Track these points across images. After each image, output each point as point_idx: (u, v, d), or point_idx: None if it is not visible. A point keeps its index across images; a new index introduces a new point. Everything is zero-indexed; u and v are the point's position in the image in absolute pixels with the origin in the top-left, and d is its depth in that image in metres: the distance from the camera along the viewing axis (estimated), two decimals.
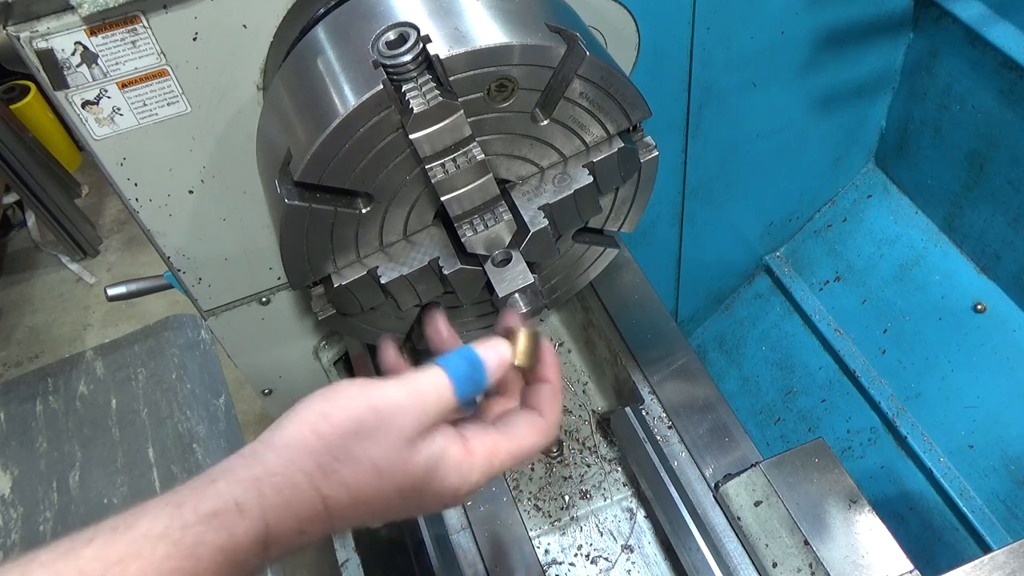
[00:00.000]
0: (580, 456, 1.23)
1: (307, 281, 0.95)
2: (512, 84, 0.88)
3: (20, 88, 3.87)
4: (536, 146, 0.97)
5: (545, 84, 0.90)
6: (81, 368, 1.71)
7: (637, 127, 1.02)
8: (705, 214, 1.94)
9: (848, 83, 1.80)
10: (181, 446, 1.58)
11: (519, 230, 0.95)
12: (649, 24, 1.38)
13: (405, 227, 0.96)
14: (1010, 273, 1.77)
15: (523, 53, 0.86)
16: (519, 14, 0.90)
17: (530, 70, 0.88)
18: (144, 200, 1.11)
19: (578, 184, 0.97)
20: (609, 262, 1.17)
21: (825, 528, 0.96)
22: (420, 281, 0.97)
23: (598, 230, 1.12)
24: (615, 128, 0.98)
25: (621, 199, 1.08)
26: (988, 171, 1.72)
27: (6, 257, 3.92)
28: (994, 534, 1.66)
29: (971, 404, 1.77)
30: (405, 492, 0.65)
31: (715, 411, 1.14)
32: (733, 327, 2.25)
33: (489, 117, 0.90)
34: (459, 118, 0.84)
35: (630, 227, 1.13)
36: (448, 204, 0.89)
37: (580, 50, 0.88)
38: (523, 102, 0.91)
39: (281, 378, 1.53)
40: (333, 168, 0.86)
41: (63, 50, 0.92)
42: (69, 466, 1.55)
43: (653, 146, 1.03)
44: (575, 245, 1.11)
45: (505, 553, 1.02)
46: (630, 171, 1.02)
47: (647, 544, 1.13)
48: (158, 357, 1.71)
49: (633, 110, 0.97)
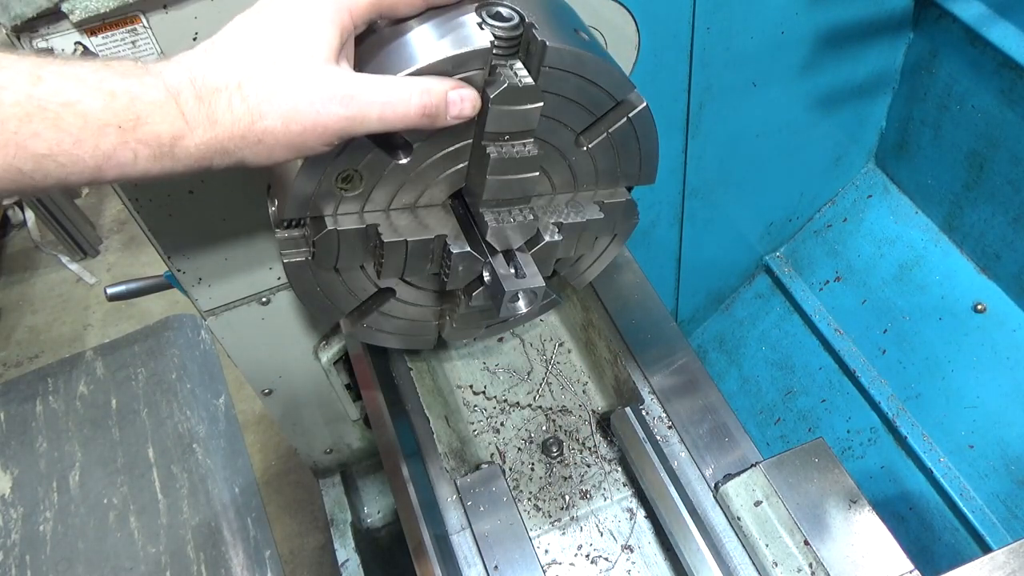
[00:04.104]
0: (580, 456, 1.23)
1: (302, 211, 0.91)
2: (578, 99, 0.92)
3: None
4: (562, 168, 1.00)
5: (603, 113, 0.95)
6: (81, 368, 1.71)
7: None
8: (705, 214, 1.94)
9: (848, 83, 1.80)
10: (181, 446, 1.58)
11: (534, 236, 0.97)
12: (649, 24, 1.39)
13: (418, 197, 0.96)
14: (1010, 273, 1.77)
15: (600, 70, 0.90)
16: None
17: (599, 93, 0.92)
18: (144, 200, 1.11)
19: (590, 215, 1.02)
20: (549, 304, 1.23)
21: (825, 528, 0.96)
22: (415, 253, 0.96)
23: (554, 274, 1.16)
24: (626, 183, 1.05)
25: (597, 250, 1.16)
26: (988, 171, 1.72)
27: (6, 257, 3.92)
28: (994, 534, 1.66)
29: (971, 404, 1.77)
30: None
31: (715, 411, 1.14)
32: (733, 327, 2.25)
33: (544, 120, 0.91)
34: (536, 108, 0.85)
35: (580, 284, 1.20)
36: (489, 186, 0.90)
37: (640, 99, 0.95)
38: (575, 119, 0.94)
39: (281, 378, 1.53)
40: None
41: (63, 50, 0.92)
42: (69, 466, 1.55)
43: (637, 213, 1.11)
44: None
45: (505, 553, 1.02)
46: (628, 225, 1.10)
47: (647, 544, 1.13)
48: (158, 357, 1.71)
49: (648, 176, 1.06)
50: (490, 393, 1.32)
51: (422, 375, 1.29)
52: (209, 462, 1.59)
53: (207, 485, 1.60)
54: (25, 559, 1.51)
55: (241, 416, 2.54)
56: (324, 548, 2.73)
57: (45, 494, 1.52)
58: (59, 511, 1.49)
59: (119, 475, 1.54)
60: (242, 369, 1.47)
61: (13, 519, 1.48)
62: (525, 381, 1.34)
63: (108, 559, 1.54)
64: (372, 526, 1.96)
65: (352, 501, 1.89)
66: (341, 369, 1.57)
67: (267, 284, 1.33)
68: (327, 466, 1.87)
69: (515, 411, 1.29)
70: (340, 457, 1.85)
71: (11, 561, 1.49)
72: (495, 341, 1.39)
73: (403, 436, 1.16)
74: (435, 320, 1.16)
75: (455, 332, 1.17)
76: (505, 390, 1.32)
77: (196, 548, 1.59)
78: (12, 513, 1.49)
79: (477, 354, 1.37)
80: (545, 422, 1.28)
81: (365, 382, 1.28)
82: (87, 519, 1.50)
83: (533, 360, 1.37)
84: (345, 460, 1.88)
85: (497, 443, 1.26)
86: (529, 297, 0.95)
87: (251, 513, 1.65)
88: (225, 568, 1.59)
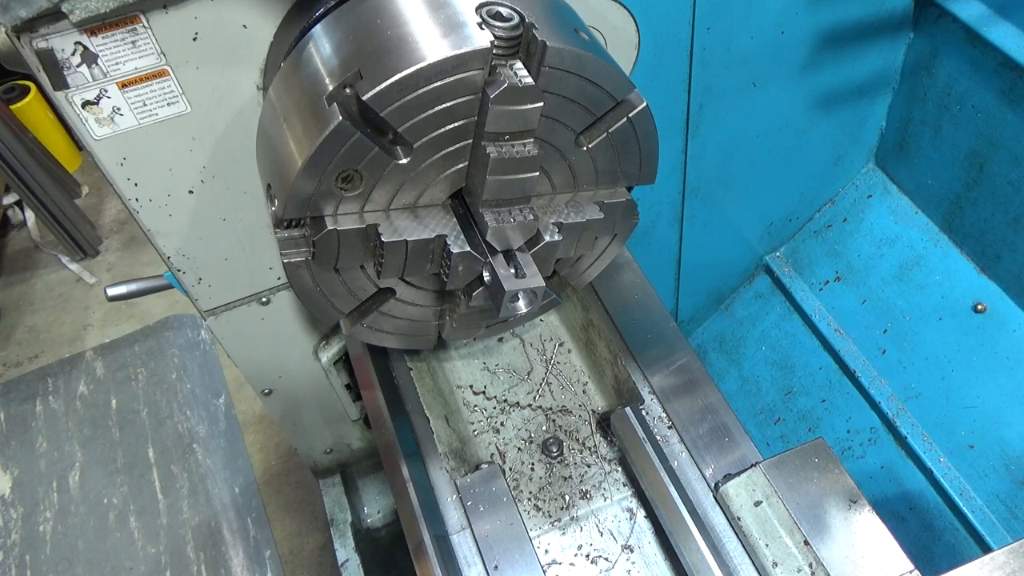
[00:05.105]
0: (580, 456, 1.23)
1: (302, 211, 0.91)
2: (578, 100, 0.92)
3: (20, 88, 3.88)
4: (562, 168, 1.00)
5: (603, 113, 0.94)
6: (81, 368, 1.71)
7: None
8: (705, 214, 1.94)
9: (848, 83, 1.80)
10: (181, 446, 1.58)
11: (534, 236, 0.97)
12: (649, 24, 1.39)
13: (418, 197, 0.96)
14: (1010, 273, 1.77)
15: (600, 70, 0.89)
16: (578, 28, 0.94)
17: (599, 93, 0.92)
18: (144, 200, 1.11)
19: (590, 215, 1.02)
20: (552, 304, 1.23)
21: (825, 528, 0.96)
22: (415, 253, 0.96)
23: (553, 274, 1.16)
24: (626, 184, 1.05)
25: (597, 250, 1.16)
26: (988, 171, 1.72)
27: (6, 257, 3.92)
28: (994, 534, 1.66)
29: (971, 404, 1.77)
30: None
31: (715, 411, 1.14)
32: (733, 327, 2.25)
33: (544, 120, 0.91)
34: (536, 108, 0.85)
35: (580, 284, 1.20)
36: (489, 186, 0.90)
37: (640, 99, 0.94)
38: (575, 119, 0.94)
39: (281, 378, 1.53)
40: (401, 105, 0.85)
41: (63, 50, 0.92)
42: (69, 466, 1.55)
43: (637, 214, 1.11)
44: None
45: (505, 553, 1.02)
46: (628, 225, 1.10)
47: (647, 544, 1.13)
48: (158, 357, 1.71)
49: (648, 176, 1.06)
50: (490, 393, 1.32)
51: (422, 375, 1.29)
52: (209, 462, 1.59)
53: (207, 485, 1.60)
54: (25, 559, 1.51)
55: (241, 416, 2.54)
56: (324, 548, 2.72)
57: (45, 494, 1.52)
58: (59, 511, 1.49)
59: (119, 475, 1.54)
60: (242, 369, 1.47)
61: (13, 519, 1.48)
62: (525, 381, 1.33)
63: (108, 559, 1.54)
64: (372, 526, 1.96)
65: (352, 501, 1.89)
66: (341, 369, 1.57)
67: (267, 284, 1.33)
68: (327, 466, 1.87)
69: (515, 411, 1.29)
70: (340, 457, 1.85)
71: (11, 561, 1.49)
72: (495, 341, 1.39)
73: (403, 436, 1.16)
74: (435, 320, 1.16)
75: (455, 332, 1.17)
76: (505, 390, 1.32)
77: (196, 548, 1.59)
78: (12, 513, 1.49)
79: (477, 354, 1.37)
80: (545, 422, 1.28)
81: (365, 382, 1.28)
82: (87, 519, 1.50)
83: (533, 360, 1.37)
84: (345, 460, 1.88)
85: (497, 443, 1.26)
86: (529, 297, 0.95)
87: (251, 513, 1.65)
88: (225, 568, 1.59)
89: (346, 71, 0.85)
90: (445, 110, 0.87)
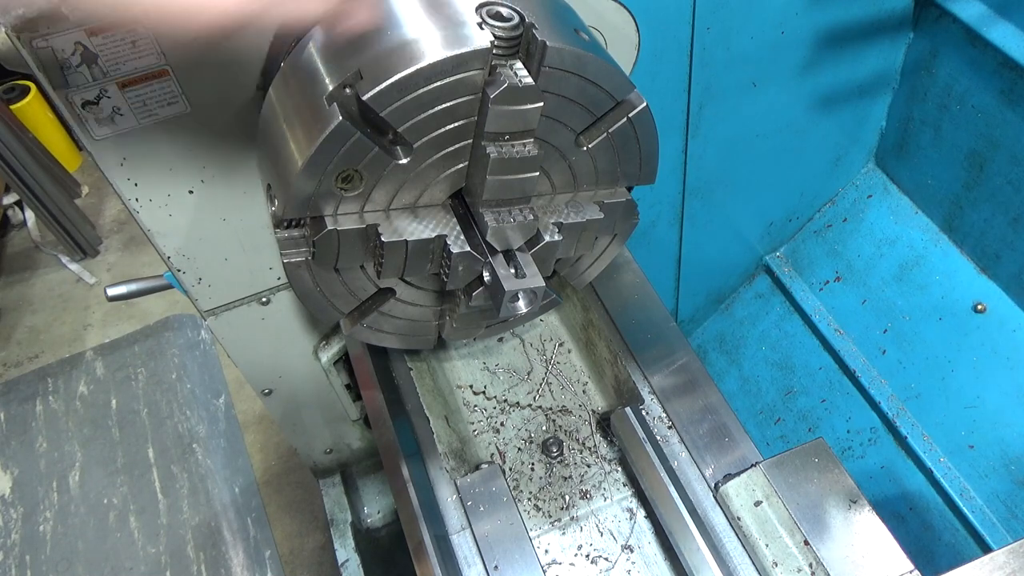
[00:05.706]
0: (580, 456, 1.23)
1: (302, 211, 0.91)
2: (578, 100, 0.92)
3: (20, 88, 3.88)
4: (562, 168, 1.00)
5: (603, 113, 0.94)
6: (81, 368, 1.71)
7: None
8: (705, 214, 1.94)
9: (848, 83, 1.80)
10: (181, 446, 1.58)
11: (534, 236, 0.97)
12: (649, 24, 1.39)
13: (418, 197, 0.96)
14: (1010, 273, 1.77)
15: (600, 71, 0.89)
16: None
17: (599, 93, 0.92)
18: (144, 200, 1.11)
19: (590, 215, 1.02)
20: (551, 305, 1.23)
21: (825, 528, 0.96)
22: (415, 253, 0.96)
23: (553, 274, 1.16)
24: (626, 184, 1.05)
25: (597, 250, 1.16)
26: (988, 171, 1.72)
27: (6, 257, 3.93)
28: (994, 534, 1.66)
29: (971, 404, 1.77)
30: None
31: (715, 411, 1.14)
32: (733, 327, 2.25)
33: (544, 120, 0.91)
34: (536, 108, 0.85)
35: (580, 284, 1.20)
36: (489, 186, 0.90)
37: (640, 99, 0.94)
38: (575, 119, 0.94)
39: (281, 378, 1.53)
40: (401, 106, 0.84)
41: (63, 50, 0.92)
42: (69, 466, 1.55)
43: (637, 214, 1.12)
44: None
45: (505, 553, 1.02)
46: (628, 225, 1.10)
47: (647, 544, 1.13)
48: (158, 357, 1.71)
49: (648, 176, 1.06)
50: (490, 393, 1.32)
51: (422, 375, 1.29)
52: (209, 462, 1.59)
53: (207, 485, 1.60)
54: (25, 559, 1.51)
55: (241, 416, 2.54)
56: (324, 548, 2.72)
57: (45, 494, 1.52)
58: (59, 511, 1.49)
59: (119, 475, 1.54)
60: (242, 369, 1.47)
61: (13, 519, 1.48)
62: (525, 381, 1.33)
63: (108, 559, 1.54)
64: (372, 526, 1.96)
65: (352, 501, 1.89)
66: (341, 369, 1.57)
67: (267, 284, 1.33)
68: (327, 466, 1.87)
69: (515, 411, 1.29)
70: (340, 457, 1.85)
71: (11, 561, 1.49)
72: (495, 341, 1.39)
73: (403, 436, 1.16)
74: (435, 320, 1.16)
75: (455, 332, 1.17)
76: (505, 390, 1.32)
77: (196, 548, 1.59)
78: (12, 513, 1.49)
79: (477, 354, 1.37)
80: (545, 422, 1.28)
81: (365, 382, 1.28)
82: (87, 519, 1.50)
83: (533, 360, 1.37)
84: (345, 460, 1.88)
85: (497, 443, 1.26)
86: (529, 297, 0.95)
87: (251, 513, 1.65)
88: (225, 568, 1.59)
89: (346, 71, 0.85)
90: (445, 110, 0.87)
